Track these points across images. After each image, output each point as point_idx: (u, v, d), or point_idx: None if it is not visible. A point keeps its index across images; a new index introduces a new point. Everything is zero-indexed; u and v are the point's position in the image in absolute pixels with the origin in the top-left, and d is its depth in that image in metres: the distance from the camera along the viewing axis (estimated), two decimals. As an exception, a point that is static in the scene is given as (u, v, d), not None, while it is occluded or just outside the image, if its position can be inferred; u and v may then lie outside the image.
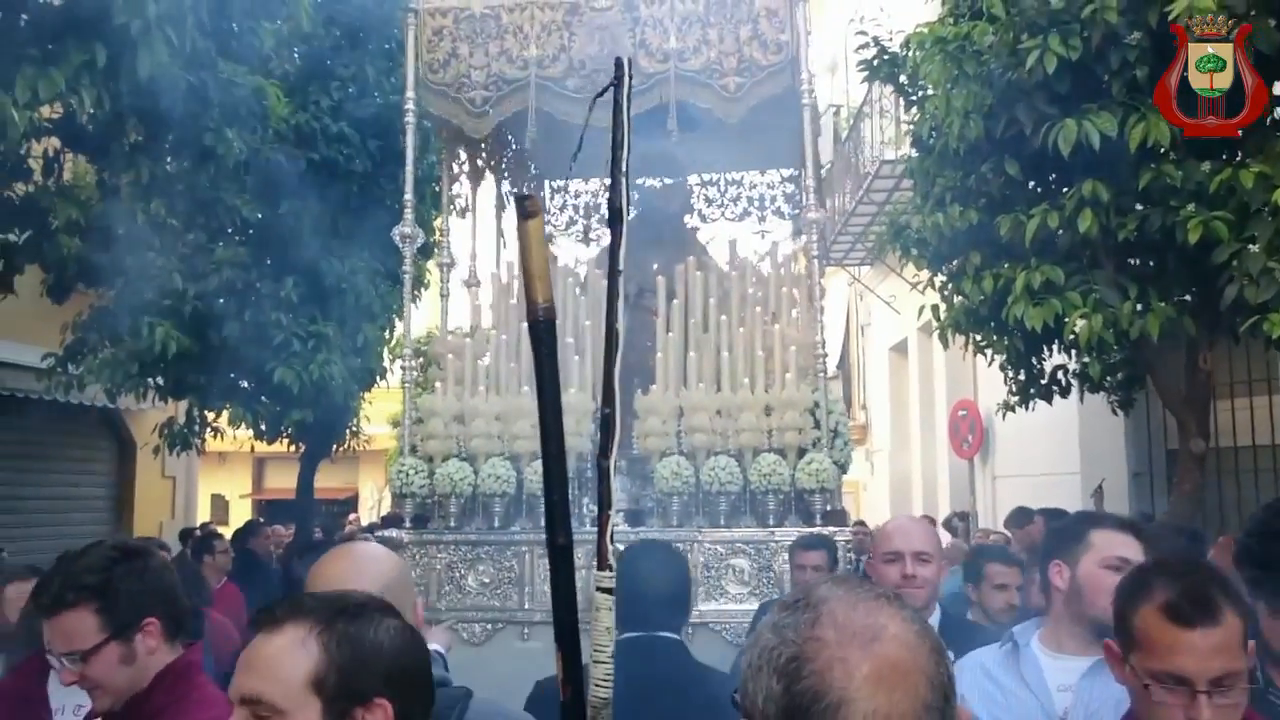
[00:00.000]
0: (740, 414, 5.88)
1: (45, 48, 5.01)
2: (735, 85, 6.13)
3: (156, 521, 14.34)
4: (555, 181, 8.56)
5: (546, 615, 5.39)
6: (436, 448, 6.04)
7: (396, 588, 2.17)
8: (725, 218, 8.56)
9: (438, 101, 6.37)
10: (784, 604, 1.19)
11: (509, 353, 6.32)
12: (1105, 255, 6.58)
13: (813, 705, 1.08)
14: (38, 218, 6.39)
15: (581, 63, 6.19)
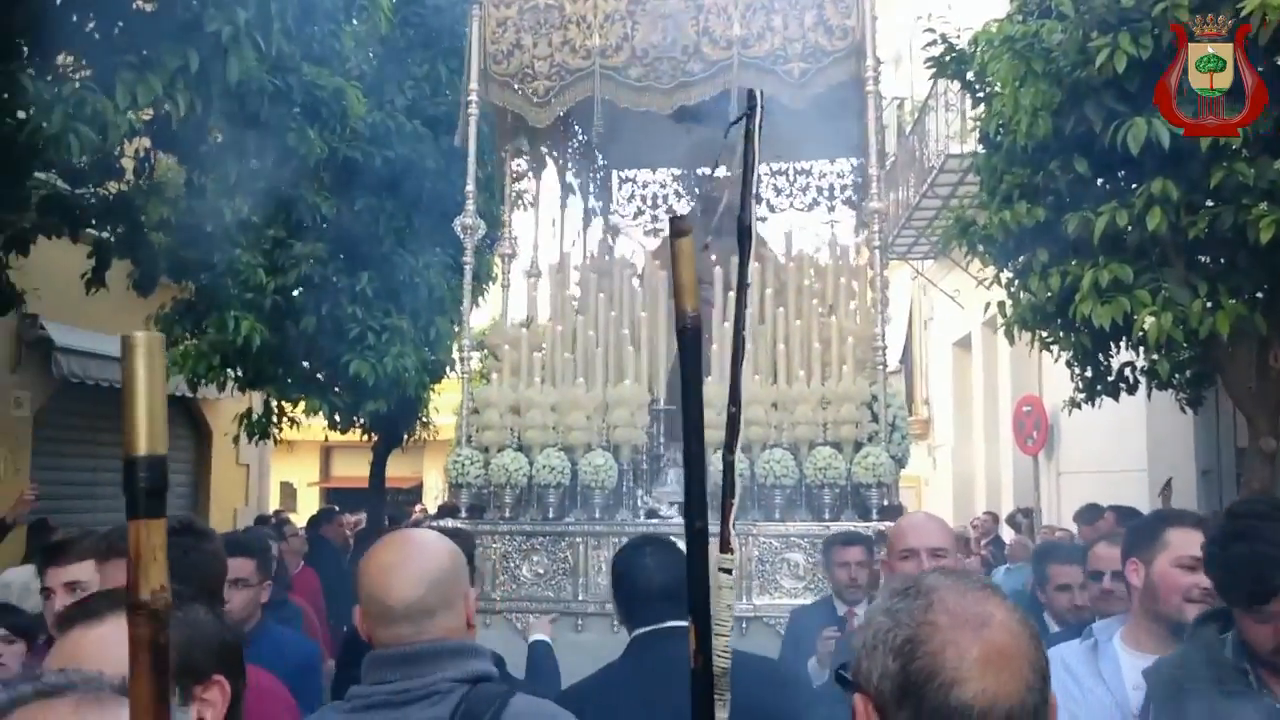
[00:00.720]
0: (796, 406, 5.82)
1: (141, 54, 5.25)
2: (800, 71, 6.04)
3: (231, 508, 14.75)
4: (623, 172, 8.57)
5: (600, 606, 5.51)
6: (492, 438, 6.02)
7: (448, 580, 2.20)
8: (794, 207, 8.47)
9: (501, 92, 6.37)
10: (895, 591, 1.31)
11: (564, 344, 6.29)
12: (1175, 253, 6.57)
13: (926, 684, 1.19)
14: (130, 215, 6.65)
15: (644, 51, 6.14)
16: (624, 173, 8.62)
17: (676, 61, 6.10)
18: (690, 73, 6.10)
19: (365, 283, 8.75)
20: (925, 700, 1.19)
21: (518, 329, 6.70)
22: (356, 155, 7.99)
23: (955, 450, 18.66)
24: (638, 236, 8.62)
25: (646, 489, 6.12)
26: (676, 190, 8.53)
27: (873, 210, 6.17)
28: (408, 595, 2.14)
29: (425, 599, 2.15)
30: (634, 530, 5.50)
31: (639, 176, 8.63)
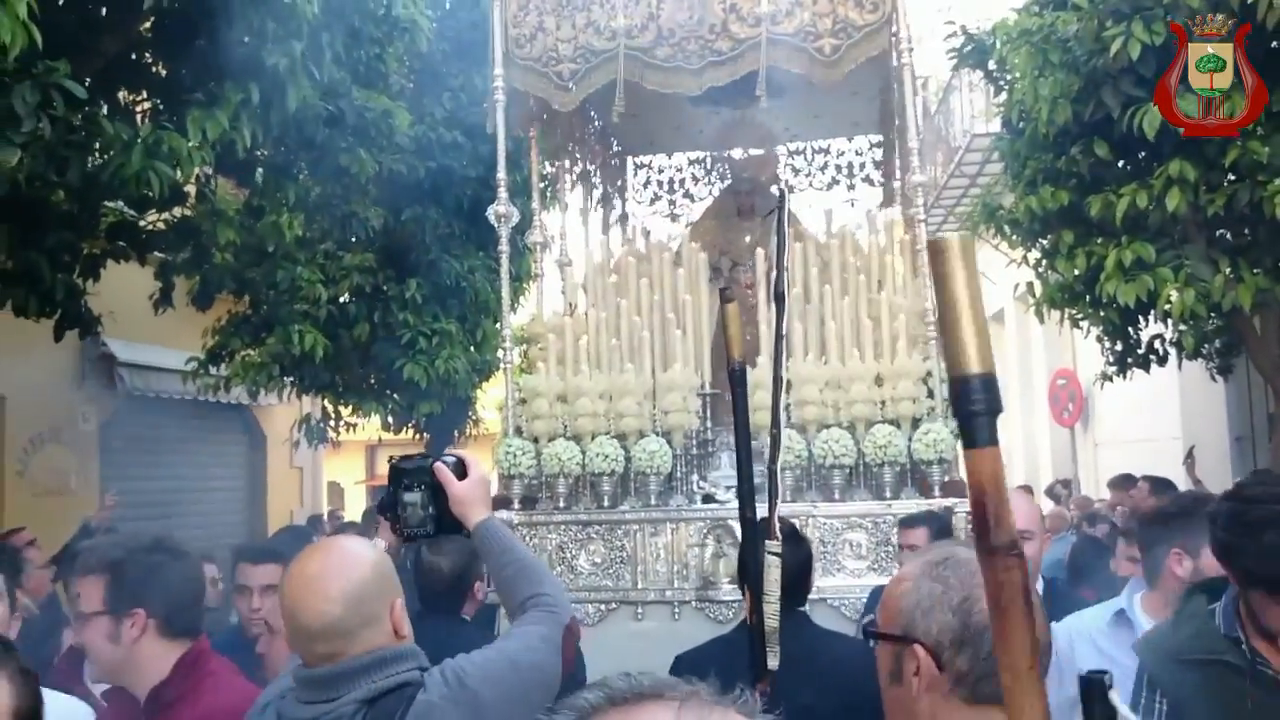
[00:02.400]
0: (851, 385, 5.66)
1: (208, 90, 5.60)
2: (831, 48, 5.79)
3: (287, 509, 15.20)
4: (638, 158, 8.39)
5: (659, 595, 5.54)
6: (542, 428, 5.87)
7: (368, 595, 2.17)
8: (813, 187, 8.22)
9: (525, 77, 6.17)
10: (932, 562, 1.63)
11: (609, 330, 6.16)
12: (1195, 230, 6.82)
13: (985, 631, 1.46)
14: (195, 237, 7.03)
15: (670, 31, 5.90)
16: (639, 159, 8.38)
17: (704, 40, 5.88)
18: (718, 51, 5.88)
19: (414, 289, 9.11)
20: (983, 645, 1.51)
21: (560, 318, 6.60)
22: (401, 168, 8.32)
23: (993, 424, 18.82)
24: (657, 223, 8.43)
25: (701, 473, 5.99)
26: (693, 174, 8.36)
27: (916, 184, 5.92)
28: (325, 614, 2.13)
29: (343, 619, 2.14)
30: (690, 516, 5.60)
31: (654, 162, 8.40)
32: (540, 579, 2.56)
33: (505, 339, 6.31)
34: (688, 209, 8.20)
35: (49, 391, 10.70)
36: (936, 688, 1.55)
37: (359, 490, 27.08)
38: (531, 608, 2.47)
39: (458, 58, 9.49)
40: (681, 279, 6.33)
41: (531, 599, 2.49)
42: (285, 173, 7.07)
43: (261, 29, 5.52)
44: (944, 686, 1.55)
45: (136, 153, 5.06)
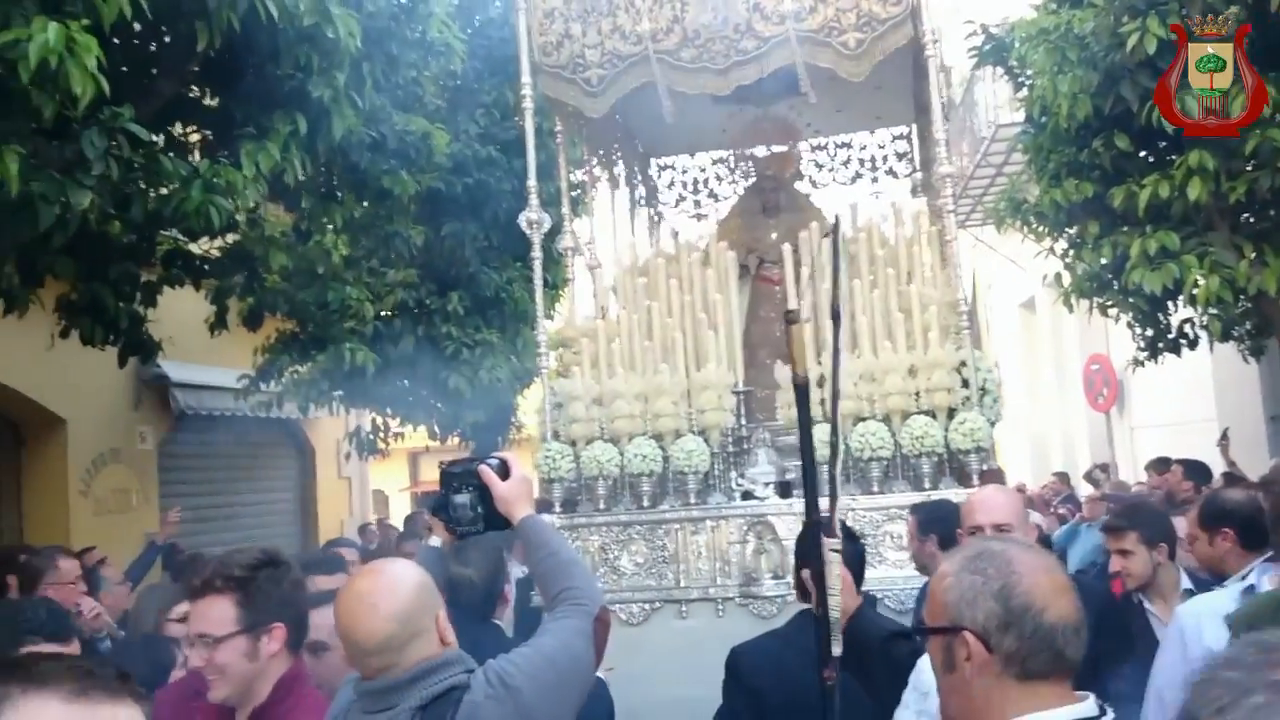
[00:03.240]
0: (885, 377, 5.67)
1: (257, 123, 5.88)
2: (856, 41, 5.80)
3: (338, 519, 15.55)
4: (662, 159, 8.44)
5: (702, 592, 5.67)
6: (579, 431, 5.93)
7: (415, 612, 2.38)
8: (836, 181, 8.25)
9: (553, 84, 6.25)
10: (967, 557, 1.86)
11: (641, 331, 6.20)
12: (1218, 217, 6.96)
13: (1025, 612, 1.74)
14: (248, 263, 7.33)
15: (696, 32, 5.96)
16: (663, 160, 8.42)
17: (729, 40, 5.92)
18: (744, 51, 5.91)
19: (455, 302, 9.40)
20: (1025, 624, 1.74)
21: (592, 322, 6.63)
22: (440, 186, 8.60)
23: (1025, 411, 18.93)
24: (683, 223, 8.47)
25: (739, 470, 5.98)
26: (717, 174, 8.38)
27: (943, 175, 5.91)
28: (377, 632, 2.34)
29: (395, 635, 2.34)
30: (730, 513, 5.65)
31: (678, 162, 8.43)
32: (572, 573, 2.72)
33: (540, 345, 6.31)
34: (713, 208, 8.26)
35: (108, 414, 11.08)
36: (988, 670, 1.76)
37: (404, 497, 27.43)
38: (563, 602, 2.65)
39: (489, 74, 9.76)
40: (711, 278, 6.37)
41: (563, 593, 2.66)
42: (330, 196, 7.35)
43: (307, 63, 5.78)
44: (995, 668, 1.75)
45: (196, 188, 5.34)
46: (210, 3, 5.02)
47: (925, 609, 1.91)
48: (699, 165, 8.44)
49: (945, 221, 6.07)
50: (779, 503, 5.62)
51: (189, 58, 5.51)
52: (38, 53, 4.08)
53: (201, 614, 2.63)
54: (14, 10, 4.24)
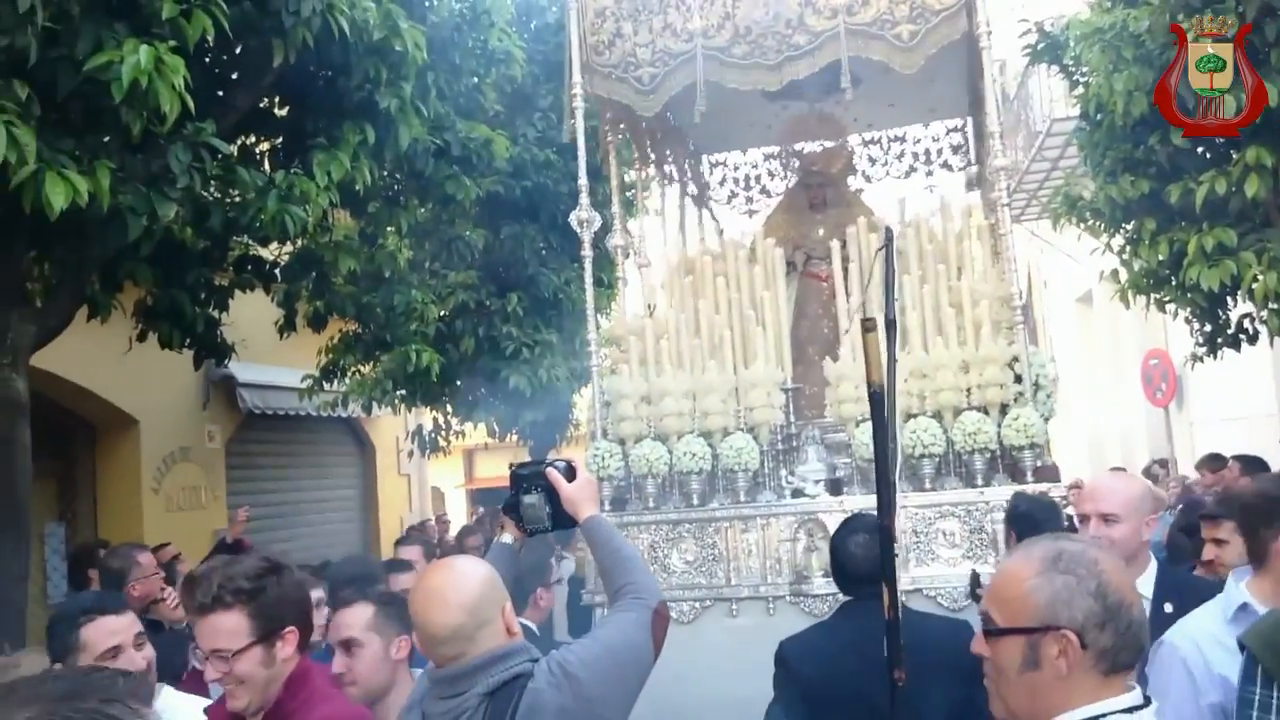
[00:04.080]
0: (936, 373, 5.61)
1: (328, 133, 6.09)
2: (909, 34, 5.76)
3: (398, 516, 15.86)
4: (713, 156, 8.44)
5: (753, 591, 5.69)
6: (629, 429, 5.93)
7: (483, 603, 2.53)
8: (890, 175, 8.19)
9: (605, 83, 6.26)
10: (1046, 558, 1.91)
11: (690, 329, 6.20)
12: (1276, 213, 6.94)
13: (1119, 609, 1.85)
14: (317, 266, 7.57)
15: (747, 29, 5.95)
16: (714, 156, 8.40)
17: (781, 36, 5.89)
18: (796, 46, 5.88)
19: (515, 303, 9.59)
20: (1120, 621, 1.85)
21: (641, 320, 6.62)
22: (499, 189, 8.79)
23: (1085, 405, 18.79)
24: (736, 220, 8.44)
25: (789, 468, 5.96)
26: (769, 170, 8.29)
27: (999, 168, 5.85)
28: (448, 623, 2.49)
29: (465, 625, 2.50)
30: (781, 511, 5.66)
31: (729, 159, 8.39)
32: (632, 569, 2.86)
33: (591, 343, 6.34)
34: (765, 204, 8.19)
35: (178, 413, 11.42)
36: (1078, 666, 1.85)
37: (459, 494, 27.77)
38: (623, 595, 2.80)
39: (546, 79, 9.93)
40: (758, 275, 6.37)
41: (624, 588, 2.82)
42: (395, 202, 7.57)
43: (376, 75, 5.98)
44: (1087, 664, 1.84)
45: (272, 198, 5.56)
46: (286, 21, 5.23)
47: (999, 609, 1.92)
48: (750, 161, 8.40)
49: (1000, 215, 6.01)
50: (829, 500, 5.62)
51: (264, 72, 5.72)
52: (130, 74, 4.31)
53: (213, 629, 2.63)
54: (106, 34, 4.46)
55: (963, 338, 5.79)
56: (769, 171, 8.34)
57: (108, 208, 4.65)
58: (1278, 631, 2.56)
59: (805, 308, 6.99)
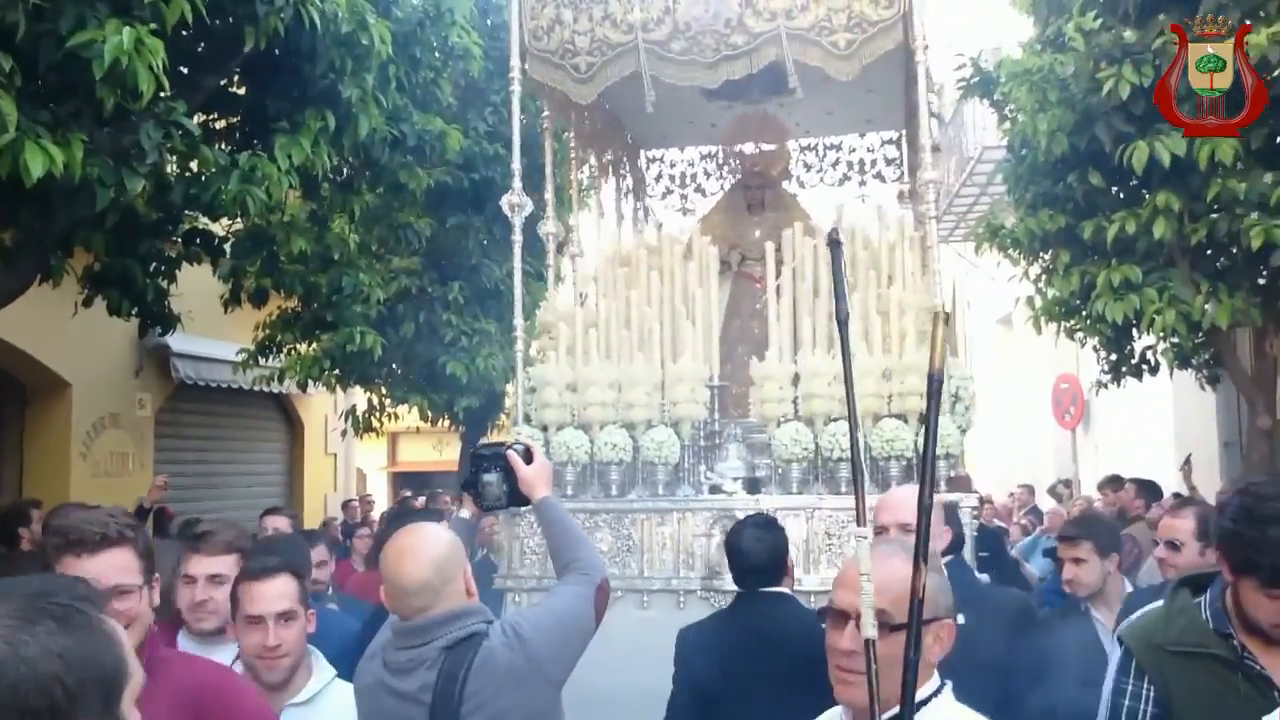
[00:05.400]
0: (860, 379, 5.36)
1: (290, 118, 6.28)
2: (846, 42, 5.82)
3: (321, 494, 15.94)
4: (651, 151, 8.41)
5: (665, 584, 5.85)
6: (552, 416, 5.90)
7: (447, 562, 2.79)
8: (824, 183, 8.26)
9: (543, 69, 6.25)
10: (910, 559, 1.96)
11: (620, 320, 6.20)
12: (1179, 255, 7.44)
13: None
14: (268, 244, 7.73)
15: (686, 25, 5.98)
16: (652, 152, 8.42)
17: (719, 34, 5.93)
18: (733, 45, 5.93)
19: (456, 292, 9.81)
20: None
21: (571, 308, 6.62)
22: (448, 180, 9.01)
23: (999, 423, 19.45)
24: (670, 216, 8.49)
25: (709, 465, 5.98)
26: (705, 169, 8.34)
27: (928, 180, 5.92)
28: (419, 576, 2.75)
29: (432, 580, 2.75)
30: (697, 506, 5.71)
31: (667, 156, 8.42)
32: (580, 547, 3.16)
33: (517, 328, 6.35)
34: (700, 203, 8.24)
35: (110, 379, 11.46)
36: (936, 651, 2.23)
37: (381, 476, 27.76)
38: (570, 570, 3.09)
39: (499, 75, 10.13)
40: (692, 271, 6.38)
41: (571, 564, 3.11)
42: (348, 187, 7.76)
43: (340, 66, 6.19)
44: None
45: (234, 178, 5.75)
46: (260, 9, 5.43)
47: (894, 606, 2.05)
48: (688, 160, 8.45)
49: (927, 227, 6.13)
50: (746, 498, 5.65)
51: (234, 56, 5.91)
52: (111, 53, 4.50)
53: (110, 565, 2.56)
54: (88, 13, 4.64)
55: (887, 346, 5.84)
56: (705, 171, 8.41)
57: (78, 178, 4.82)
58: (1152, 629, 2.76)
59: (738, 308, 7.11)
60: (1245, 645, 2.57)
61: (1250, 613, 2.54)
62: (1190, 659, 2.63)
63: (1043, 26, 8.15)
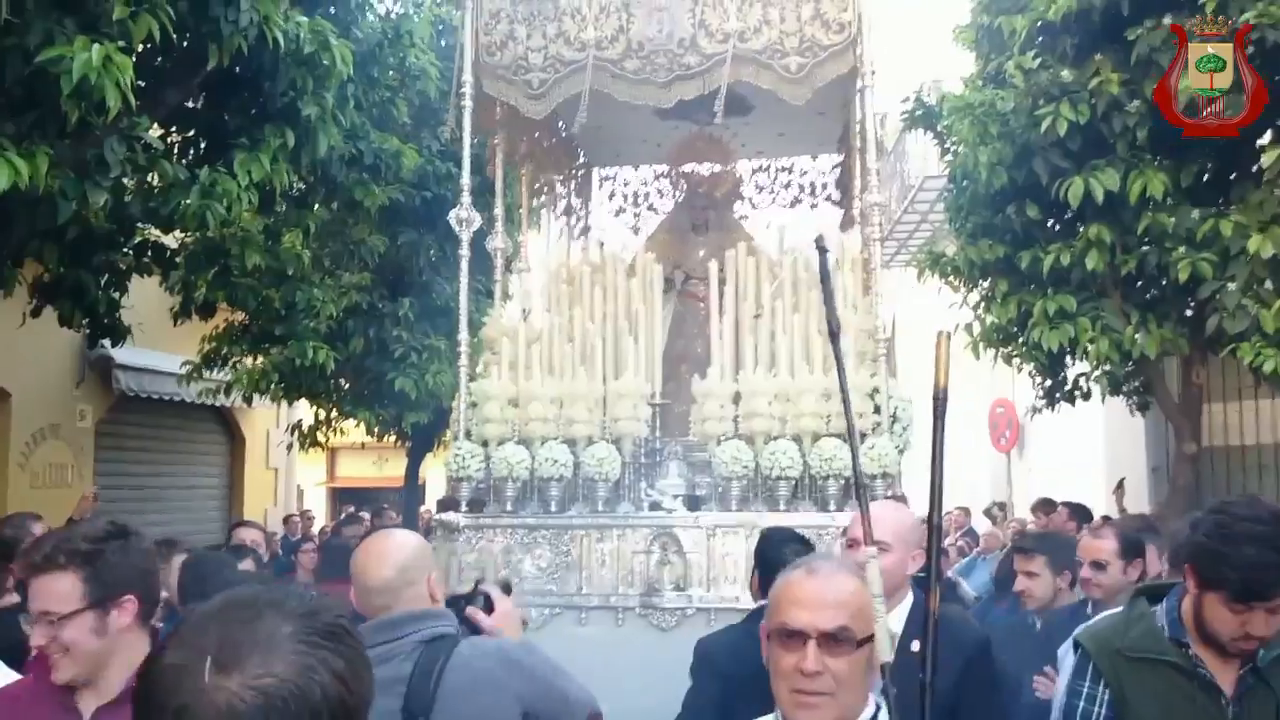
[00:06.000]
0: (800, 398, 5.66)
1: (250, 135, 6.34)
2: (797, 66, 5.87)
3: (262, 508, 15.78)
4: (603, 170, 8.40)
5: (603, 600, 5.85)
6: (493, 431, 5.85)
7: (413, 564, 2.90)
8: (776, 204, 8.28)
9: (495, 84, 6.24)
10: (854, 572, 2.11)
11: (563, 336, 6.18)
12: (1111, 286, 7.74)
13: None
14: (221, 258, 7.76)
15: (640, 44, 5.99)
16: (604, 170, 8.41)
17: (673, 54, 5.96)
18: (686, 66, 5.96)
19: (407, 308, 9.87)
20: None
21: (514, 322, 6.59)
22: (400, 197, 9.08)
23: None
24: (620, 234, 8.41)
25: (649, 482, 5.97)
26: (658, 189, 8.32)
27: (872, 204, 6.01)
28: (383, 575, 2.86)
29: (394, 579, 2.85)
30: (637, 523, 5.66)
31: (619, 174, 8.40)
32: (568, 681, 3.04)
33: (461, 342, 6.30)
34: (651, 221, 8.23)
35: (51, 389, 11.32)
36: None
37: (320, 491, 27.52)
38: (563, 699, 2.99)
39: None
40: (636, 289, 6.37)
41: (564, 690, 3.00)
42: (303, 203, 7.82)
43: (302, 85, 6.27)
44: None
45: (194, 193, 5.80)
46: (225, 28, 5.50)
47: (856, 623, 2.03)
48: (641, 179, 8.44)
49: (870, 250, 6.19)
50: (686, 515, 5.67)
51: (197, 73, 5.96)
52: (80, 70, 4.55)
53: (44, 591, 2.45)
54: (56, 30, 4.69)
55: (828, 365, 5.82)
56: (658, 190, 8.41)
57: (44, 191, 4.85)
58: (1110, 634, 2.85)
59: (681, 326, 7.14)
60: (1199, 655, 2.66)
61: (1212, 626, 2.62)
62: (1146, 665, 2.72)
63: (984, 63, 8.45)
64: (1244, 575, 2.55)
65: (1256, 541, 2.56)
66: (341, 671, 1.26)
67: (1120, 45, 7.11)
